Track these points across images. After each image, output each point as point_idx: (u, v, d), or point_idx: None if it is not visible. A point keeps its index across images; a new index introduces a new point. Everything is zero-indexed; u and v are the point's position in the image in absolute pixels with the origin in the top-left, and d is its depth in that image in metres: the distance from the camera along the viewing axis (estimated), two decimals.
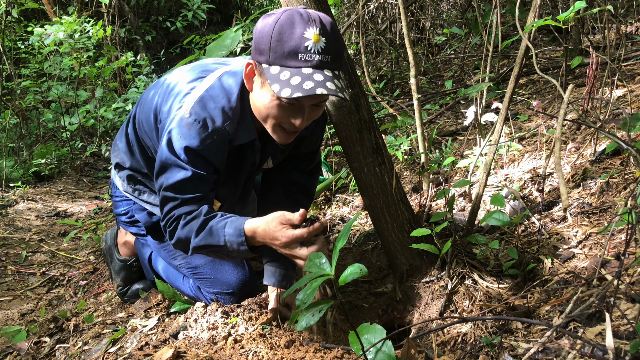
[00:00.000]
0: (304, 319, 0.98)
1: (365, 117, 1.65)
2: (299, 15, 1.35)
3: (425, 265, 1.72)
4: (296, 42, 1.34)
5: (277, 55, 1.36)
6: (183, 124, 1.49)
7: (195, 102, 1.50)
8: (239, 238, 1.44)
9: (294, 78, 1.34)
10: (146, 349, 1.62)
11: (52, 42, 4.46)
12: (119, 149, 1.90)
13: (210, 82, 1.54)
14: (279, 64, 1.37)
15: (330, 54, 1.37)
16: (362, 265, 0.98)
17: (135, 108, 1.82)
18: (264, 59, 1.39)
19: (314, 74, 1.35)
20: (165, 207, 1.55)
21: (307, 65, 1.35)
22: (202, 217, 1.50)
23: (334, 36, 1.38)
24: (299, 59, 1.35)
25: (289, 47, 1.35)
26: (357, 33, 4.26)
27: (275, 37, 1.35)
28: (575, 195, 1.97)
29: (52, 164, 4.46)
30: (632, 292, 1.31)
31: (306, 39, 1.34)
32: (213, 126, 1.49)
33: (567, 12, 1.62)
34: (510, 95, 1.76)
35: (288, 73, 1.36)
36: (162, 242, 1.89)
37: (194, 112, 1.49)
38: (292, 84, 1.34)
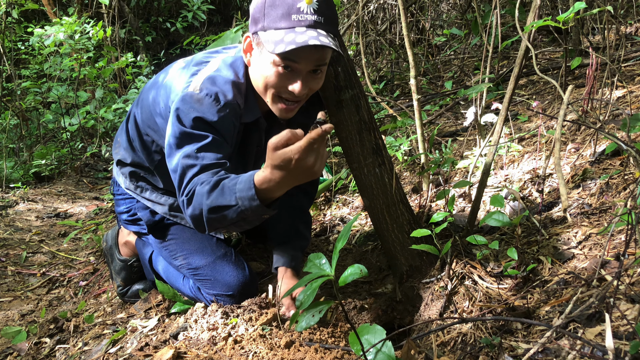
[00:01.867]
0: (304, 320, 0.98)
1: (365, 117, 1.65)
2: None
3: (425, 265, 1.72)
4: (288, 3, 1.37)
5: (271, 19, 1.38)
6: (194, 100, 1.48)
7: (205, 79, 1.51)
8: (249, 192, 1.27)
9: (288, 36, 1.36)
10: (146, 349, 1.63)
11: (52, 43, 4.47)
12: (120, 145, 1.90)
13: (217, 65, 1.56)
14: (273, 27, 1.39)
15: (324, 15, 1.39)
16: (362, 265, 0.99)
17: (134, 105, 1.82)
18: (260, 27, 1.41)
19: (308, 31, 1.36)
20: (185, 179, 1.44)
21: (300, 25, 1.37)
22: (216, 178, 1.39)
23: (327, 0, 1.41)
24: (292, 20, 1.37)
25: (282, 10, 1.37)
26: (357, 34, 4.27)
27: (268, 2, 1.38)
28: (575, 196, 1.97)
29: (52, 165, 4.46)
30: (631, 293, 1.31)
31: (298, 0, 1.36)
32: (225, 99, 1.50)
33: (566, 12, 1.63)
34: (510, 96, 1.76)
35: (282, 32, 1.38)
36: (164, 241, 1.90)
37: (205, 88, 1.49)
38: (285, 41, 1.35)
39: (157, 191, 1.87)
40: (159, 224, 1.88)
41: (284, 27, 1.38)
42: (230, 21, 7.83)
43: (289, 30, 1.37)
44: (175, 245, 1.86)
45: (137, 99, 1.81)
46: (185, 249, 1.85)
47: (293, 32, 1.36)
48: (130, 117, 1.83)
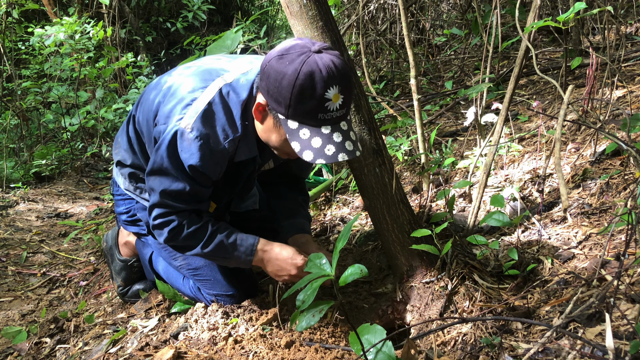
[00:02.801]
0: (304, 320, 0.98)
1: (365, 117, 1.65)
2: (318, 71, 1.34)
3: (426, 265, 1.72)
4: (317, 103, 1.36)
5: (296, 113, 1.38)
6: (184, 138, 1.50)
7: (197, 117, 1.50)
8: (247, 257, 1.64)
9: (315, 140, 1.39)
10: (147, 349, 1.63)
11: (53, 43, 4.47)
12: (120, 146, 1.90)
13: (211, 95, 1.53)
14: (297, 120, 1.39)
15: (346, 105, 1.41)
16: (362, 265, 0.99)
17: (135, 107, 1.82)
18: (281, 111, 1.40)
19: (333, 134, 1.39)
20: (158, 209, 1.60)
21: (325, 123, 1.39)
22: (210, 229, 1.61)
23: (349, 84, 1.39)
24: (318, 119, 1.38)
25: (309, 108, 1.36)
26: (357, 34, 4.27)
27: (295, 96, 1.35)
28: (575, 196, 1.97)
29: (53, 165, 4.46)
30: (632, 293, 1.31)
31: (327, 100, 1.36)
32: (214, 144, 1.50)
33: (567, 12, 1.63)
34: (510, 96, 1.76)
35: (307, 132, 1.39)
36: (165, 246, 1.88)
37: (196, 129, 1.49)
38: (313, 147, 1.38)
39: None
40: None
41: (309, 124, 1.39)
42: (230, 21, 7.83)
43: (315, 131, 1.39)
44: None
45: (138, 101, 1.81)
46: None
47: (319, 134, 1.38)
48: (130, 119, 1.83)
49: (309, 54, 1.35)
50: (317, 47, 1.38)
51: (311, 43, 1.39)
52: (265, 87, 1.41)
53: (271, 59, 1.39)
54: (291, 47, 1.38)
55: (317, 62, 1.34)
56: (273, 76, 1.37)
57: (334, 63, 1.36)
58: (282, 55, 1.37)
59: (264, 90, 1.42)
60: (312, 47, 1.37)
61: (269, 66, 1.39)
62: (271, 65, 1.38)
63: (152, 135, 1.65)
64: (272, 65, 1.38)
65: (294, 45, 1.39)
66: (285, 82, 1.35)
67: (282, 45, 1.42)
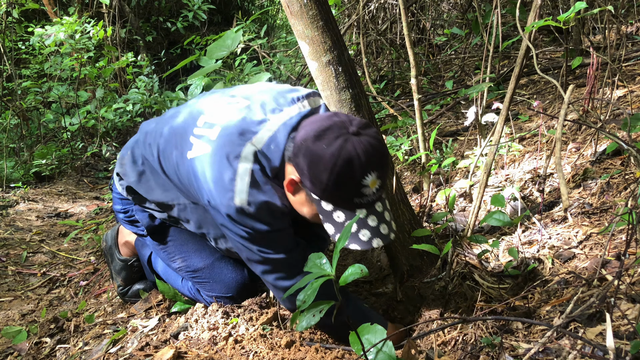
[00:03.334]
0: (305, 320, 0.98)
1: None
2: (357, 157, 1.31)
3: (426, 265, 1.72)
4: (354, 190, 1.34)
5: (332, 197, 1.37)
6: (248, 215, 1.44)
7: (248, 190, 1.43)
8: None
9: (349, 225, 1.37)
10: (147, 349, 1.63)
11: (53, 42, 4.47)
12: (125, 164, 1.82)
13: (250, 164, 1.45)
14: (332, 203, 1.38)
15: (383, 187, 1.39)
16: (362, 265, 0.99)
17: (153, 134, 1.72)
18: (316, 192, 1.38)
19: (368, 218, 1.38)
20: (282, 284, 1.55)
21: (361, 207, 1.38)
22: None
23: (386, 167, 1.38)
24: (354, 203, 1.37)
25: (346, 195, 1.35)
26: (358, 33, 4.27)
27: (332, 182, 1.33)
28: (576, 196, 1.97)
29: (53, 165, 4.46)
30: (632, 293, 1.31)
31: (364, 186, 1.34)
32: (273, 206, 1.46)
33: (567, 12, 1.62)
34: (511, 96, 1.76)
35: (342, 215, 1.38)
36: (162, 245, 1.88)
37: (253, 203, 1.43)
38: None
39: (154, 204, 1.84)
40: (157, 228, 1.85)
41: (344, 208, 1.37)
42: (230, 21, 7.83)
43: (349, 214, 1.38)
44: (173, 247, 1.85)
45: (158, 129, 1.70)
46: (184, 251, 1.84)
47: (352, 218, 1.35)
48: (144, 143, 1.75)
49: (347, 137, 1.32)
50: (355, 127, 1.34)
51: (348, 121, 1.36)
52: (300, 165, 1.37)
53: (307, 137, 1.35)
54: (329, 128, 1.34)
55: (355, 148, 1.31)
56: (309, 158, 1.34)
57: (372, 147, 1.33)
58: (319, 136, 1.33)
59: (298, 168, 1.39)
60: (350, 128, 1.34)
61: (304, 146, 1.35)
62: (307, 146, 1.34)
63: (191, 193, 1.60)
64: (309, 146, 1.34)
65: (331, 125, 1.35)
66: (322, 166, 1.32)
67: (318, 121, 1.38)
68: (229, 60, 3.57)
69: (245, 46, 3.92)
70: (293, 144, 1.42)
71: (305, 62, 3.49)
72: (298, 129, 1.50)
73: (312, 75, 1.68)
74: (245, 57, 4.55)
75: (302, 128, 1.42)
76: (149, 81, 5.13)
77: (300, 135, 1.39)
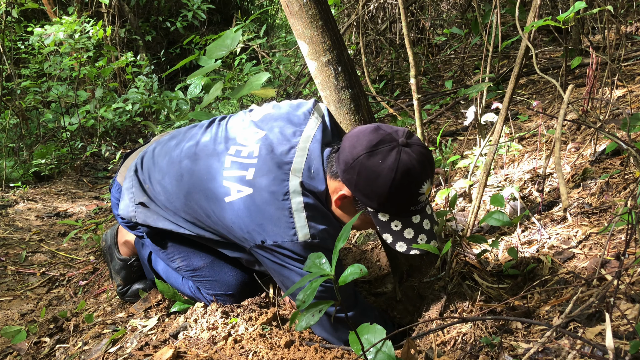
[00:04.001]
0: (304, 319, 0.98)
1: (365, 117, 1.65)
2: (414, 168, 1.35)
3: (425, 265, 1.72)
4: (411, 199, 1.39)
5: (389, 209, 1.40)
6: (313, 247, 1.43)
7: (307, 223, 1.43)
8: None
9: (407, 231, 1.42)
10: (146, 349, 1.62)
11: (52, 42, 4.46)
12: (133, 186, 1.78)
13: (300, 197, 1.45)
14: (389, 213, 1.41)
15: (430, 191, 1.45)
16: (362, 265, 0.98)
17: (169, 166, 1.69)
18: (372, 205, 1.41)
19: (422, 222, 1.43)
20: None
21: (415, 213, 1.42)
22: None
23: (434, 172, 1.44)
24: (410, 211, 1.41)
25: (403, 205, 1.39)
26: (357, 33, 4.26)
27: (390, 195, 1.36)
28: (575, 196, 1.97)
29: (52, 164, 4.46)
30: (632, 292, 1.31)
31: (420, 194, 1.39)
32: (334, 232, 1.47)
33: (567, 12, 1.62)
34: (510, 96, 1.76)
35: (399, 224, 1.42)
36: (162, 246, 1.87)
37: (317, 234, 1.43)
38: (406, 238, 1.42)
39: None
40: (158, 231, 1.84)
41: (401, 216, 1.41)
42: (230, 21, 7.82)
43: (406, 222, 1.42)
44: (172, 247, 1.84)
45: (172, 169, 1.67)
46: (183, 251, 1.84)
47: (410, 224, 1.42)
48: (151, 174, 1.73)
49: (399, 149, 1.36)
50: (402, 137, 1.38)
51: (394, 132, 1.39)
52: (353, 181, 1.40)
53: (360, 156, 1.37)
54: (379, 142, 1.37)
55: (410, 160, 1.35)
56: (365, 174, 1.37)
57: (423, 155, 1.37)
58: (372, 152, 1.36)
59: (350, 184, 1.41)
60: (399, 139, 1.38)
61: (359, 163, 1.37)
62: (362, 163, 1.37)
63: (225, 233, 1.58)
64: (363, 162, 1.36)
65: (381, 138, 1.37)
66: (380, 181, 1.35)
67: (364, 136, 1.39)
68: (228, 60, 3.57)
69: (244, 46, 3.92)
70: (337, 161, 1.44)
71: (304, 62, 3.49)
72: (330, 144, 1.54)
73: (311, 75, 1.68)
74: (244, 57, 4.54)
75: (345, 143, 1.43)
76: (149, 81, 5.12)
77: (346, 152, 1.40)
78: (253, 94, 2.32)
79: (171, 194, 1.66)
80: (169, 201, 1.67)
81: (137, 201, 1.75)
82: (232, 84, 3.43)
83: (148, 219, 1.74)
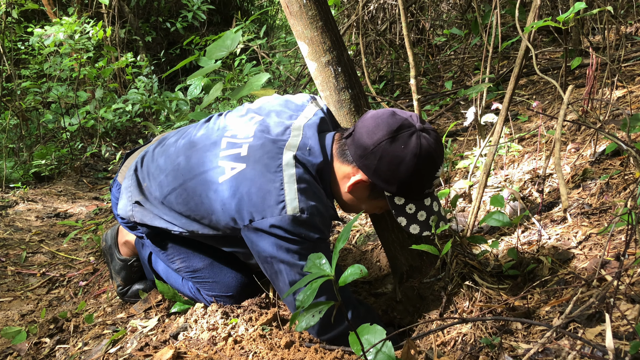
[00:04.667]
0: (304, 320, 0.98)
1: None
2: (434, 153, 1.39)
3: (425, 265, 1.72)
4: (429, 182, 1.44)
5: (408, 192, 1.44)
6: (301, 223, 1.40)
7: (298, 196, 1.41)
8: None
9: (420, 213, 1.46)
10: (146, 349, 1.63)
11: (52, 42, 4.46)
12: (131, 184, 1.79)
13: (293, 170, 1.44)
14: (405, 197, 1.44)
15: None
16: (362, 265, 0.98)
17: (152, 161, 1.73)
18: (390, 190, 1.43)
19: (433, 204, 1.48)
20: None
21: (427, 196, 1.47)
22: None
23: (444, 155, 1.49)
24: (424, 193, 1.46)
25: (421, 188, 1.44)
26: (357, 34, 4.27)
27: (412, 180, 1.40)
28: (575, 196, 1.97)
29: (52, 165, 4.46)
30: (632, 293, 1.31)
31: (436, 177, 1.44)
32: (325, 211, 1.46)
33: (567, 12, 1.63)
34: (510, 96, 1.76)
35: (413, 207, 1.46)
36: (162, 247, 1.87)
37: (305, 209, 1.40)
38: (418, 220, 1.46)
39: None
40: (158, 231, 1.84)
41: (416, 199, 1.46)
42: (230, 21, 7.82)
43: (419, 204, 1.47)
44: (172, 248, 1.84)
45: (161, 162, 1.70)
46: (183, 252, 1.84)
47: (423, 207, 1.47)
48: (143, 168, 1.75)
49: (419, 134, 1.39)
50: (419, 123, 1.41)
51: (410, 118, 1.42)
52: (372, 167, 1.41)
53: (382, 142, 1.38)
54: (399, 127, 1.39)
55: (429, 144, 1.39)
56: (387, 159, 1.39)
57: (438, 140, 1.42)
58: (394, 137, 1.38)
59: (369, 169, 1.42)
60: (416, 124, 1.41)
61: (381, 149, 1.39)
62: (384, 149, 1.38)
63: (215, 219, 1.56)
64: (386, 148, 1.38)
65: (401, 124, 1.39)
66: (403, 167, 1.38)
67: (382, 121, 1.40)
68: (228, 61, 3.57)
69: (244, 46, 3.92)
70: (351, 146, 1.45)
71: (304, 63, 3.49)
72: (327, 130, 1.55)
73: (311, 75, 1.68)
74: (244, 58, 4.55)
75: (361, 129, 1.43)
76: (149, 81, 5.13)
77: (365, 138, 1.41)
78: (253, 95, 2.32)
79: (167, 189, 1.67)
80: (163, 196, 1.67)
81: (133, 200, 1.76)
82: (232, 84, 3.44)
83: (145, 217, 1.75)
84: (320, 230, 1.44)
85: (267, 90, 2.32)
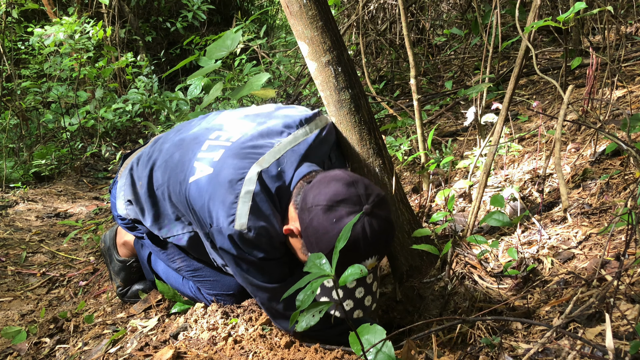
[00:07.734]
0: (304, 320, 0.98)
1: (365, 117, 1.65)
2: (364, 239, 1.29)
3: (425, 265, 1.72)
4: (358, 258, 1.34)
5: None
6: (246, 241, 1.43)
7: (248, 215, 1.40)
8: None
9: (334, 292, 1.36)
10: (146, 349, 1.63)
11: (52, 42, 4.46)
12: (125, 183, 1.81)
13: (252, 186, 1.43)
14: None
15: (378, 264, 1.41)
16: (362, 265, 0.98)
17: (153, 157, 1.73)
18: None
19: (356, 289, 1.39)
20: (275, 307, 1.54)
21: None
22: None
23: (388, 248, 1.38)
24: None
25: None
26: (357, 34, 4.27)
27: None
28: (575, 196, 1.97)
29: (52, 165, 4.46)
30: (632, 293, 1.31)
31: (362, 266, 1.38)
32: (273, 233, 1.45)
33: (567, 12, 1.63)
34: (510, 96, 1.76)
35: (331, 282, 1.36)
36: (162, 247, 1.87)
37: (252, 228, 1.40)
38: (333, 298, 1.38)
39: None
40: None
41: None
42: (230, 21, 7.82)
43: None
44: (173, 248, 1.84)
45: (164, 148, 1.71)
46: (184, 252, 1.84)
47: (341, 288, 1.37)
48: (149, 161, 1.74)
49: (362, 217, 1.29)
50: (370, 204, 1.31)
51: (365, 195, 1.32)
52: (304, 224, 1.35)
53: (318, 206, 1.31)
54: (343, 200, 1.30)
55: (365, 230, 1.29)
56: (314, 226, 1.32)
57: (381, 230, 1.31)
58: (331, 207, 1.30)
59: (302, 224, 1.37)
60: (364, 205, 1.30)
61: (315, 211, 1.32)
62: (317, 213, 1.31)
63: (190, 216, 1.58)
64: (318, 214, 1.31)
65: (346, 197, 1.30)
66: (325, 239, 1.30)
67: (335, 186, 1.33)
68: (228, 61, 3.57)
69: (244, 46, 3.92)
70: (302, 194, 1.40)
71: (304, 63, 3.49)
72: (313, 158, 1.52)
73: (311, 75, 1.68)
74: (244, 58, 4.55)
75: (316, 181, 1.38)
76: (149, 81, 5.13)
77: (312, 192, 1.36)
78: (253, 95, 2.32)
79: (155, 185, 1.69)
80: (153, 192, 1.70)
81: (126, 199, 1.78)
82: (232, 84, 3.44)
83: (138, 216, 1.76)
84: (265, 251, 1.44)
85: (267, 91, 2.32)
